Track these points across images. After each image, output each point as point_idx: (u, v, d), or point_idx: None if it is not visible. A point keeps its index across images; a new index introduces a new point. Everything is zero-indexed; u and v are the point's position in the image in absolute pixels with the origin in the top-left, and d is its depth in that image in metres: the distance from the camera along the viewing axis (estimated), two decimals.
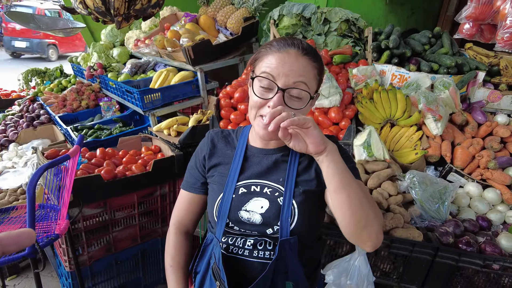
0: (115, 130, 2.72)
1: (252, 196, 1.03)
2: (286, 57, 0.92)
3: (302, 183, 1.03)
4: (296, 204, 1.00)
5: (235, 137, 1.14)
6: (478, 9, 1.23)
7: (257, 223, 1.01)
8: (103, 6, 1.48)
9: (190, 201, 1.17)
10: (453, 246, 1.54)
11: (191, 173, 1.16)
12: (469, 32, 1.30)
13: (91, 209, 1.97)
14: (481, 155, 1.99)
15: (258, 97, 0.93)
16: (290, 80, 0.91)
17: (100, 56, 3.51)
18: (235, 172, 1.05)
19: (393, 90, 2.08)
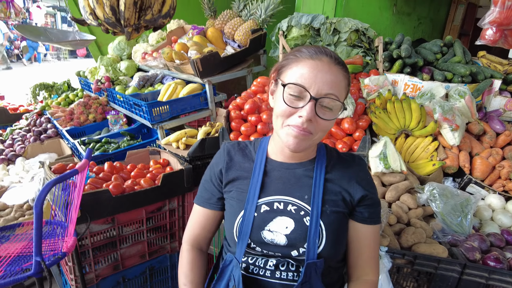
0: (123, 143, 2.68)
1: (275, 214, 0.97)
2: (320, 65, 0.88)
3: (329, 202, 0.97)
4: (324, 226, 0.95)
5: (252, 149, 1.09)
6: (503, 14, 1.18)
7: (282, 244, 0.95)
8: (113, 17, 1.46)
9: (204, 217, 1.11)
10: (481, 262, 1.46)
11: (206, 187, 1.11)
12: (492, 38, 1.25)
13: (98, 225, 1.92)
14: (502, 165, 1.92)
15: (288, 105, 0.88)
16: (323, 90, 0.86)
17: (107, 70, 3.51)
18: (255, 187, 0.99)
19: (407, 100, 2.03)
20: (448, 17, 4.67)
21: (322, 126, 0.90)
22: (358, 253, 1.02)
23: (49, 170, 2.07)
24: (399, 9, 3.81)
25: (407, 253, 1.42)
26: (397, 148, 2.03)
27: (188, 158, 2.28)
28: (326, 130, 0.92)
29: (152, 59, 3.26)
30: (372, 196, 1.01)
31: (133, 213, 2.03)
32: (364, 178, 1.02)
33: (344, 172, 1.01)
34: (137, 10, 1.51)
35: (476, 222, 1.82)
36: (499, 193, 1.90)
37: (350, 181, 1.00)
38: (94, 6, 1.49)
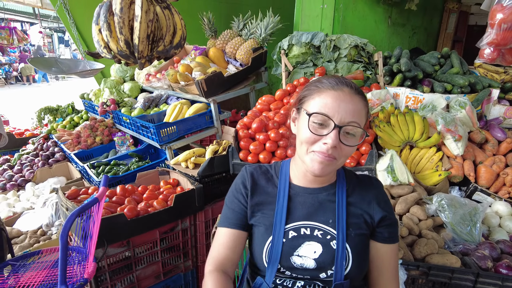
0: (133, 165, 2.72)
1: (303, 240, 1.01)
2: (342, 95, 0.93)
3: (353, 225, 1.02)
4: (350, 248, 0.99)
5: (274, 174, 1.12)
6: (499, 36, 1.26)
7: (311, 268, 0.99)
8: (127, 50, 1.52)
9: (231, 239, 1.07)
10: (493, 270, 1.50)
11: (232, 208, 1.09)
12: (491, 56, 1.32)
13: (114, 248, 1.95)
14: (506, 172, 1.98)
15: (313, 132, 0.93)
16: (346, 118, 0.92)
17: (111, 92, 3.57)
18: (281, 213, 1.03)
19: (410, 112, 2.09)
20: (441, 26, 4.79)
21: (346, 152, 0.95)
22: (379, 273, 1.06)
23: (63, 195, 2.11)
24: (394, 21, 3.91)
25: (421, 265, 1.46)
26: (402, 160, 2.08)
27: (198, 177, 2.32)
28: (348, 155, 0.97)
29: (156, 80, 3.34)
30: (391, 217, 1.06)
31: (147, 234, 2.06)
32: (383, 200, 1.07)
33: (364, 195, 1.06)
34: (150, 43, 1.57)
35: (484, 229, 1.87)
36: (505, 200, 1.95)
37: (370, 203, 1.05)
38: (108, 40, 1.55)
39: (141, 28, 1.48)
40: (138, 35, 1.49)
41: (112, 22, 1.51)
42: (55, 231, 2.34)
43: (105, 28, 1.54)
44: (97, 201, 1.47)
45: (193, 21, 3.98)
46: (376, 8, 3.64)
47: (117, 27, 1.49)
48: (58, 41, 20.74)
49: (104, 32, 1.55)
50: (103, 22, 1.53)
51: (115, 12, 1.48)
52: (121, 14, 1.48)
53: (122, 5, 1.46)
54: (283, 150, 2.12)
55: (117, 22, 1.49)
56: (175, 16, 1.68)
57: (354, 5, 3.35)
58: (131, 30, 1.52)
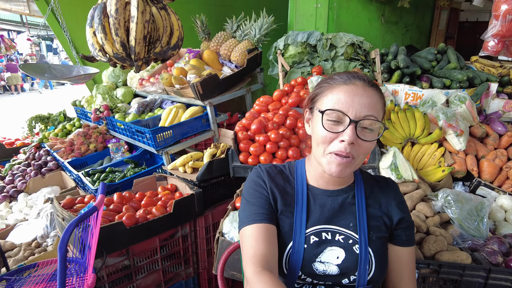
0: (129, 172, 2.66)
1: (325, 245, 0.96)
2: (355, 89, 0.89)
3: (374, 228, 0.98)
4: (373, 252, 0.95)
5: (289, 174, 1.06)
6: (505, 27, 1.24)
7: (334, 274, 0.95)
8: (124, 52, 1.47)
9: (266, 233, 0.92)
10: (503, 265, 1.48)
11: (258, 204, 0.97)
12: (495, 49, 1.30)
13: (113, 258, 1.89)
14: (508, 166, 1.96)
15: (328, 130, 0.89)
16: (362, 112, 0.87)
17: (104, 98, 3.50)
18: (301, 217, 0.97)
19: (410, 109, 2.07)
20: (433, 23, 4.81)
21: (364, 149, 0.90)
22: (399, 276, 1.03)
23: (58, 205, 2.04)
24: (387, 18, 3.91)
25: (432, 263, 1.43)
26: (404, 156, 2.06)
27: (197, 182, 2.27)
28: (367, 152, 0.92)
29: (150, 84, 3.28)
30: (408, 219, 1.03)
31: (147, 242, 2.01)
32: (400, 201, 1.04)
33: (382, 196, 1.03)
34: (146, 44, 1.52)
35: (490, 224, 1.85)
36: (509, 194, 1.94)
37: (388, 205, 1.02)
38: (103, 42, 1.50)
39: (137, 29, 1.43)
40: (134, 36, 1.44)
41: (107, 24, 1.45)
42: (51, 242, 2.27)
43: (100, 31, 1.48)
44: (96, 210, 1.41)
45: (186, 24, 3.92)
46: (369, 6, 3.64)
47: (113, 29, 1.44)
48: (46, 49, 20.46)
49: (99, 34, 1.50)
50: (98, 24, 1.48)
51: (110, 14, 1.43)
52: (117, 15, 1.43)
53: (117, 6, 1.41)
54: (283, 151, 2.08)
55: (113, 23, 1.44)
56: (172, 16, 1.64)
57: (348, 3, 3.34)
58: (127, 31, 1.47)
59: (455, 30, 5.17)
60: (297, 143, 2.13)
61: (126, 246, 1.92)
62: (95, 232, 1.50)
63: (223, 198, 2.41)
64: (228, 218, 1.74)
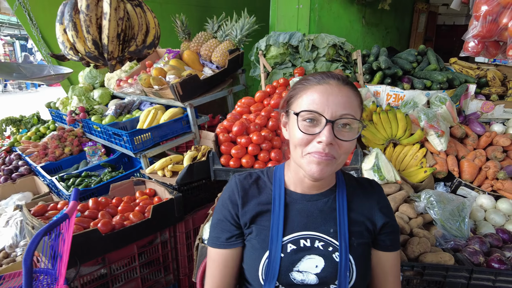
0: (105, 176, 2.56)
1: (303, 253, 0.92)
2: (329, 89, 0.86)
3: (356, 234, 0.94)
4: (353, 260, 0.92)
5: (267, 180, 1.02)
6: (485, 28, 1.23)
7: (312, 283, 0.91)
8: (96, 51, 1.38)
9: (226, 263, 0.98)
10: (485, 265, 1.48)
11: (222, 227, 0.99)
12: (475, 50, 1.30)
13: (88, 267, 1.80)
14: (487, 166, 1.99)
15: (304, 133, 0.85)
16: (338, 112, 0.84)
17: (80, 99, 3.37)
18: (278, 224, 0.93)
19: (392, 110, 2.07)
20: (413, 25, 4.91)
21: (344, 148, 0.86)
22: (383, 282, 1.00)
23: (28, 212, 1.93)
24: (367, 20, 3.95)
25: (416, 265, 1.42)
26: (387, 157, 2.05)
27: (177, 186, 2.20)
28: (348, 152, 0.88)
29: (128, 85, 3.18)
30: (393, 223, 1.00)
31: (124, 250, 1.92)
32: (385, 205, 1.00)
33: (365, 200, 0.99)
34: (120, 42, 1.44)
35: (471, 223, 1.86)
36: (488, 193, 1.96)
37: (372, 209, 0.98)
38: (74, 40, 1.41)
39: (110, 27, 1.36)
40: (107, 34, 1.36)
41: (78, 21, 1.37)
42: (20, 252, 2.14)
43: (71, 28, 1.40)
44: (67, 217, 1.32)
45: (166, 24, 3.85)
46: (350, 8, 3.66)
47: (84, 26, 1.36)
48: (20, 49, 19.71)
49: (70, 32, 1.41)
50: (68, 21, 1.39)
51: (81, 10, 1.35)
52: (88, 11, 1.35)
53: (88, 2, 1.33)
54: (266, 153, 2.04)
55: (83, 20, 1.35)
56: (148, 14, 1.57)
57: (329, 5, 3.34)
58: (99, 29, 1.39)
59: (433, 33, 5.29)
60: (279, 145, 2.09)
61: (102, 254, 1.83)
62: (67, 241, 1.41)
63: (204, 202, 2.35)
64: (208, 224, 1.68)
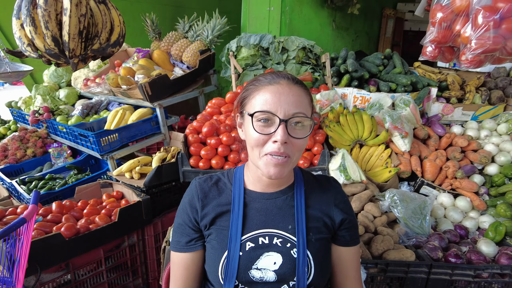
0: (70, 178, 2.47)
1: (262, 251, 0.93)
2: (280, 88, 0.88)
3: (313, 230, 0.96)
4: (311, 255, 0.93)
5: (227, 181, 1.03)
6: (440, 33, 1.30)
7: (271, 281, 0.92)
8: (56, 48, 1.33)
9: (187, 266, 1.00)
10: (443, 260, 1.55)
11: (182, 231, 1.01)
12: (432, 54, 1.37)
13: (50, 273, 1.73)
14: (447, 166, 2.08)
15: (259, 133, 0.86)
16: (290, 111, 0.86)
17: (45, 99, 3.23)
18: (237, 223, 0.94)
19: (358, 112, 2.13)
20: (381, 30, 5.07)
21: (298, 146, 0.89)
22: (344, 276, 1.02)
23: None
24: (338, 24, 4.04)
25: (379, 262, 1.46)
26: (353, 158, 2.11)
27: (145, 188, 2.16)
28: (302, 149, 0.91)
29: (96, 85, 3.09)
30: (352, 218, 1.03)
31: (90, 254, 1.86)
32: (342, 201, 1.03)
33: (323, 196, 1.01)
34: (83, 40, 1.39)
35: (432, 221, 1.94)
36: (448, 192, 2.05)
37: (330, 205, 1.00)
38: (32, 36, 1.35)
39: (71, 23, 1.31)
40: (68, 31, 1.31)
41: (36, 16, 1.31)
42: None
43: (29, 23, 1.33)
44: (25, 221, 1.27)
45: (136, 23, 3.78)
46: (321, 12, 3.74)
47: (42, 22, 1.30)
48: None
49: (28, 27, 1.35)
50: (26, 16, 1.32)
51: (39, 4, 1.29)
52: (46, 6, 1.29)
53: None
54: (236, 154, 2.04)
55: (42, 15, 1.30)
56: (112, 11, 1.53)
57: (300, 8, 3.39)
58: (60, 25, 1.33)
59: (401, 38, 5.49)
60: None
61: (66, 260, 1.76)
62: (25, 247, 1.34)
63: (174, 204, 2.31)
64: None
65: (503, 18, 1.19)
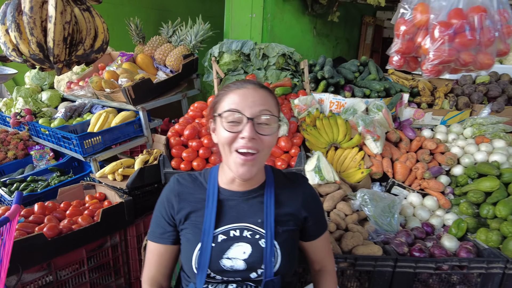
0: (53, 180, 2.49)
1: (232, 242, 1.01)
2: (246, 91, 0.97)
3: (281, 223, 1.05)
4: (278, 245, 1.02)
5: (203, 180, 1.11)
6: (404, 45, 1.42)
7: (241, 269, 1.00)
8: (41, 53, 1.38)
9: (160, 255, 1.09)
10: (408, 255, 1.66)
11: (158, 222, 1.10)
12: (398, 63, 1.49)
13: (32, 273, 1.75)
14: (417, 167, 2.21)
15: (229, 131, 0.95)
16: (256, 109, 0.95)
17: (26, 101, 3.24)
18: (210, 219, 1.02)
19: (333, 116, 2.24)
20: (361, 37, 5.24)
21: (266, 143, 0.96)
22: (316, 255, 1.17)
23: None
24: (318, 31, 4.18)
25: (348, 257, 1.56)
26: (328, 160, 2.22)
27: (127, 190, 2.21)
28: (270, 146, 0.98)
29: (79, 88, 3.12)
30: (319, 211, 1.14)
31: (72, 254, 1.90)
32: (310, 194, 1.13)
33: (292, 192, 1.10)
34: (67, 46, 1.44)
35: (402, 219, 2.06)
36: (417, 192, 2.18)
37: (298, 200, 1.09)
38: (17, 42, 1.39)
39: (56, 30, 1.36)
40: (52, 38, 1.36)
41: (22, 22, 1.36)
42: None
43: (14, 29, 1.38)
44: (8, 221, 1.31)
45: (120, 27, 3.81)
46: (302, 19, 3.86)
47: (27, 28, 1.35)
48: None
49: (13, 33, 1.39)
50: (11, 22, 1.37)
51: (24, 12, 1.34)
52: (31, 13, 1.34)
53: (32, 4, 1.32)
54: (217, 157, 2.11)
55: (27, 22, 1.35)
56: (97, 19, 1.59)
57: (282, 15, 3.50)
58: (45, 31, 1.39)
59: (380, 45, 5.68)
60: None
61: (48, 259, 1.79)
62: (7, 247, 1.38)
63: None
64: None
65: (457, 33, 1.31)
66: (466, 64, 1.33)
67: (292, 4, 3.61)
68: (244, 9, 3.28)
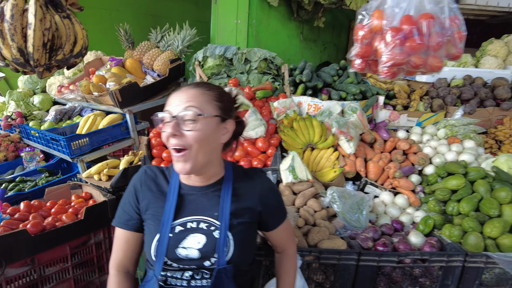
0: (41, 180, 2.58)
1: (188, 233, 1.09)
2: (179, 93, 1.05)
3: (237, 215, 1.12)
4: (232, 236, 1.10)
5: (168, 174, 1.19)
6: (363, 49, 1.51)
7: (195, 257, 1.08)
8: (22, 58, 1.48)
9: (126, 240, 1.17)
10: (373, 249, 1.75)
11: (124, 209, 1.17)
12: (360, 66, 1.57)
13: (16, 268, 1.82)
14: (389, 167, 2.30)
15: (162, 131, 1.04)
16: (180, 107, 1.01)
17: (18, 105, 3.34)
18: (169, 211, 1.10)
19: (309, 118, 2.33)
20: (349, 42, 5.34)
21: (193, 137, 1.00)
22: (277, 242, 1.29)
23: None
24: (305, 36, 4.28)
25: (313, 250, 1.64)
26: (305, 160, 2.31)
27: (111, 189, 2.29)
28: (199, 140, 1.00)
29: (69, 92, 3.21)
30: (276, 202, 1.23)
31: (56, 250, 1.96)
32: (267, 187, 1.21)
33: (249, 186, 1.18)
34: (47, 51, 1.54)
35: (373, 217, 2.15)
36: (389, 190, 2.27)
37: (255, 193, 1.17)
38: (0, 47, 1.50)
39: (35, 36, 1.46)
40: (32, 43, 1.46)
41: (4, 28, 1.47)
42: None
43: None
44: None
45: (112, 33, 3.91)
46: (289, 24, 3.96)
47: (8, 34, 1.46)
48: None
49: None
50: None
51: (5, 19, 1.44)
52: (12, 21, 1.44)
53: (13, 12, 1.42)
54: None
55: (8, 29, 1.45)
56: (76, 26, 1.68)
57: (267, 21, 3.61)
58: (25, 37, 1.49)
59: None
60: None
61: (31, 255, 1.87)
62: None
63: None
64: None
65: (407, 38, 1.41)
66: (417, 67, 1.42)
67: (278, 10, 3.72)
68: (229, 15, 3.38)
